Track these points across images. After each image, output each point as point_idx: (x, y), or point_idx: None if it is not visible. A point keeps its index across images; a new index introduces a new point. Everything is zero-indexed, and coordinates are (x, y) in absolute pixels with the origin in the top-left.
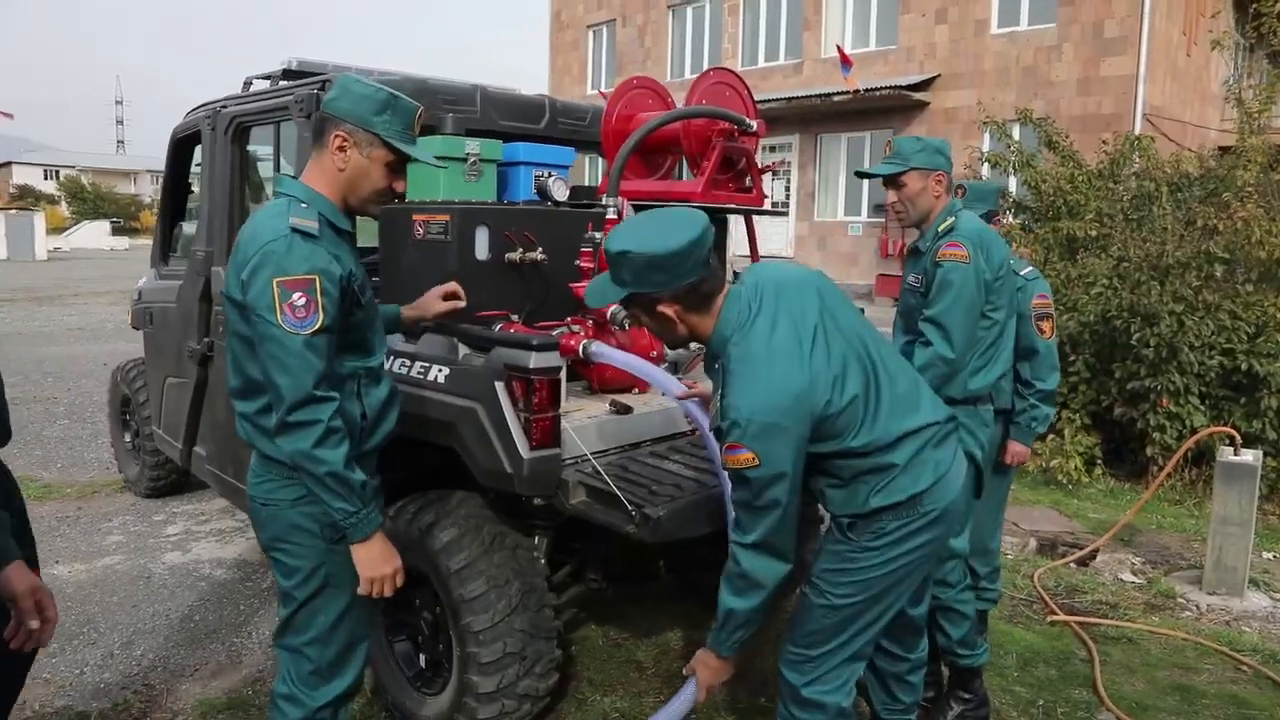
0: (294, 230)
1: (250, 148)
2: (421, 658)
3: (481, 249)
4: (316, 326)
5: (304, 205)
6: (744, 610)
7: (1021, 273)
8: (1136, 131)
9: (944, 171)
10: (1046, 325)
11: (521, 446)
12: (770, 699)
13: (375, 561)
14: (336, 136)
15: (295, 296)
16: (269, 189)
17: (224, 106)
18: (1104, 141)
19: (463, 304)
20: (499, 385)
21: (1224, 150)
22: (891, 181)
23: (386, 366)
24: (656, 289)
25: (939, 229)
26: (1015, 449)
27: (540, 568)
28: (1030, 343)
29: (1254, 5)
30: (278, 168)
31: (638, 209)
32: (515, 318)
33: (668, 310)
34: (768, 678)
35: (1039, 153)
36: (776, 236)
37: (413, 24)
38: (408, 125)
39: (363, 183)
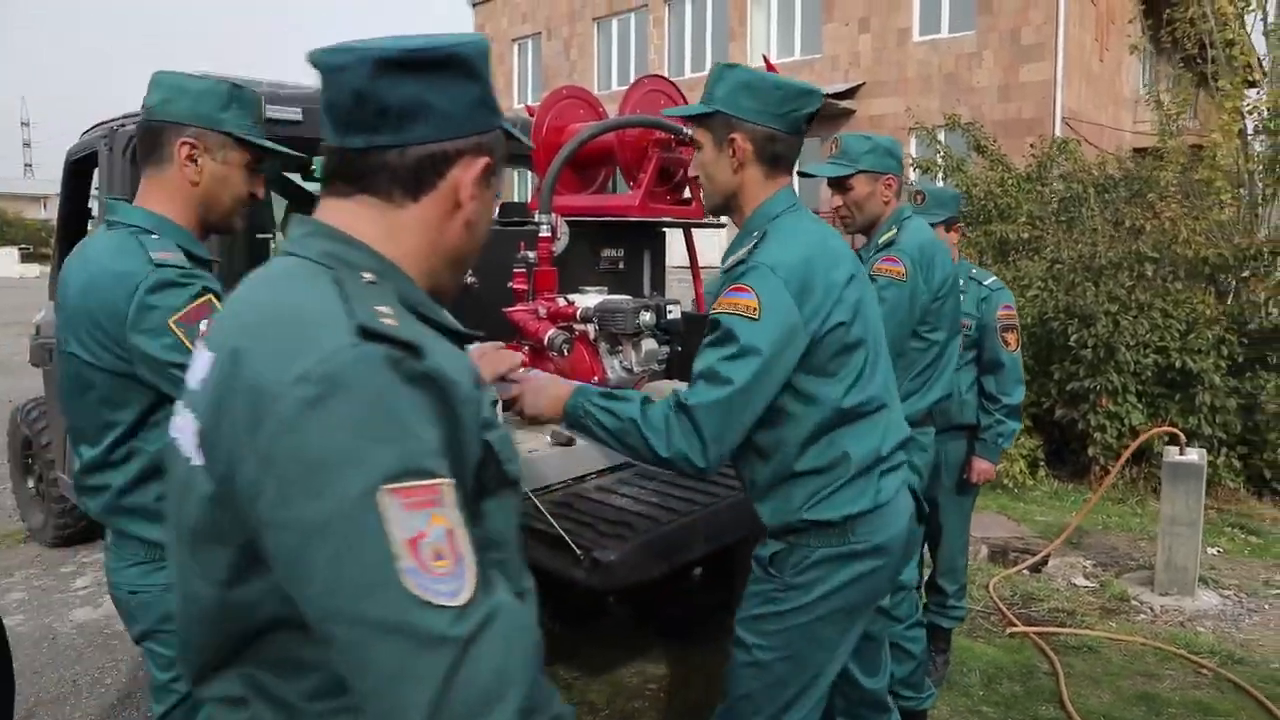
0: (157, 264)
1: None
2: None
3: None
4: None
5: (154, 236)
6: (616, 428)
7: (985, 283)
8: (1056, 135)
9: (894, 175)
10: (1011, 337)
11: None
12: None
13: None
14: (184, 145)
15: (202, 328)
16: None
17: (121, 125)
18: (1031, 145)
19: None
20: None
21: (1138, 152)
22: (837, 184)
23: None
24: (741, 114)
25: (879, 240)
26: (980, 466)
27: None
28: (995, 355)
29: (1166, 11)
30: None
31: (572, 225)
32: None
33: (741, 143)
34: None
35: (968, 157)
36: (715, 248)
37: (325, 39)
38: (257, 118)
39: (223, 193)
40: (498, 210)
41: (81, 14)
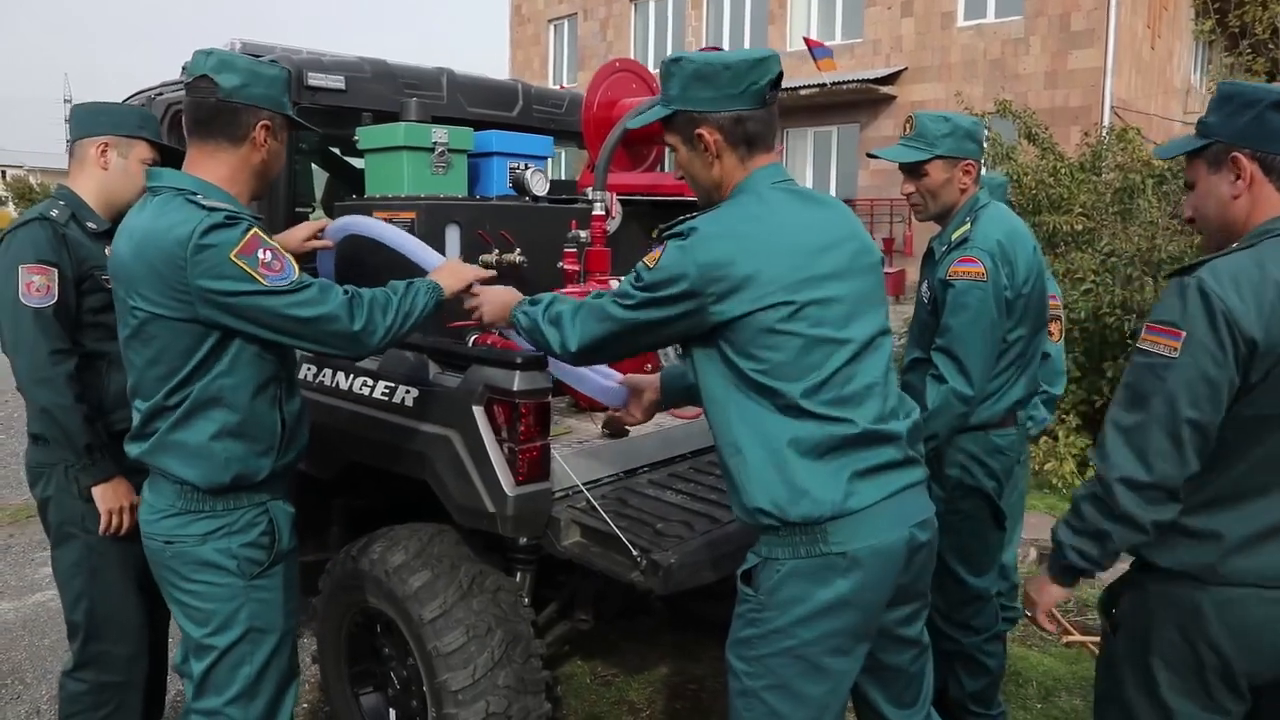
0: (207, 209)
1: None
2: (392, 714)
3: (453, 250)
4: (296, 274)
5: (198, 195)
6: (528, 325)
7: None
8: (1105, 124)
9: (974, 159)
10: (1055, 328)
11: (505, 481)
12: None
13: None
14: (263, 128)
15: (262, 255)
16: None
17: (159, 93)
18: (1085, 134)
19: (326, 245)
20: (477, 410)
21: None
22: (911, 170)
23: (345, 385)
24: (700, 107)
25: (952, 236)
26: None
27: (525, 611)
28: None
29: None
30: None
31: (624, 204)
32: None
33: (708, 136)
34: None
35: (1018, 145)
36: None
37: (369, 17)
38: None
39: (275, 167)
40: (547, 187)
41: None
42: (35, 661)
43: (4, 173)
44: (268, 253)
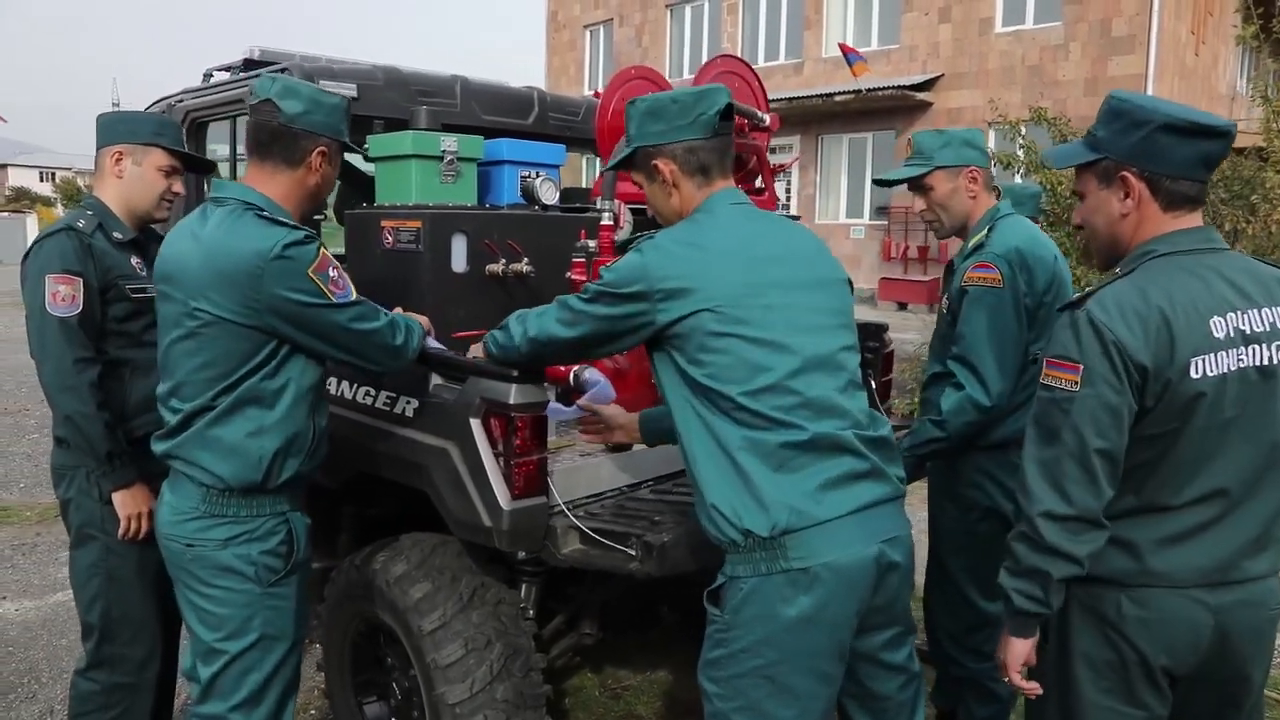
0: (285, 226)
1: (213, 145)
2: None
3: (459, 260)
4: (355, 292)
5: (263, 211)
6: (505, 335)
7: None
8: None
9: (978, 166)
10: None
11: (501, 496)
12: None
13: None
14: (319, 155)
15: (331, 273)
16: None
17: (179, 100)
18: None
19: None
20: (475, 423)
21: (1237, 151)
22: (916, 185)
23: (350, 394)
24: (654, 140)
25: (969, 245)
26: None
27: (527, 625)
28: None
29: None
30: (235, 163)
31: (635, 214)
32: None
33: (664, 168)
34: None
35: None
36: None
37: (408, 22)
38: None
39: (326, 190)
40: (557, 196)
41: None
42: (52, 661)
43: (54, 175)
44: (335, 271)
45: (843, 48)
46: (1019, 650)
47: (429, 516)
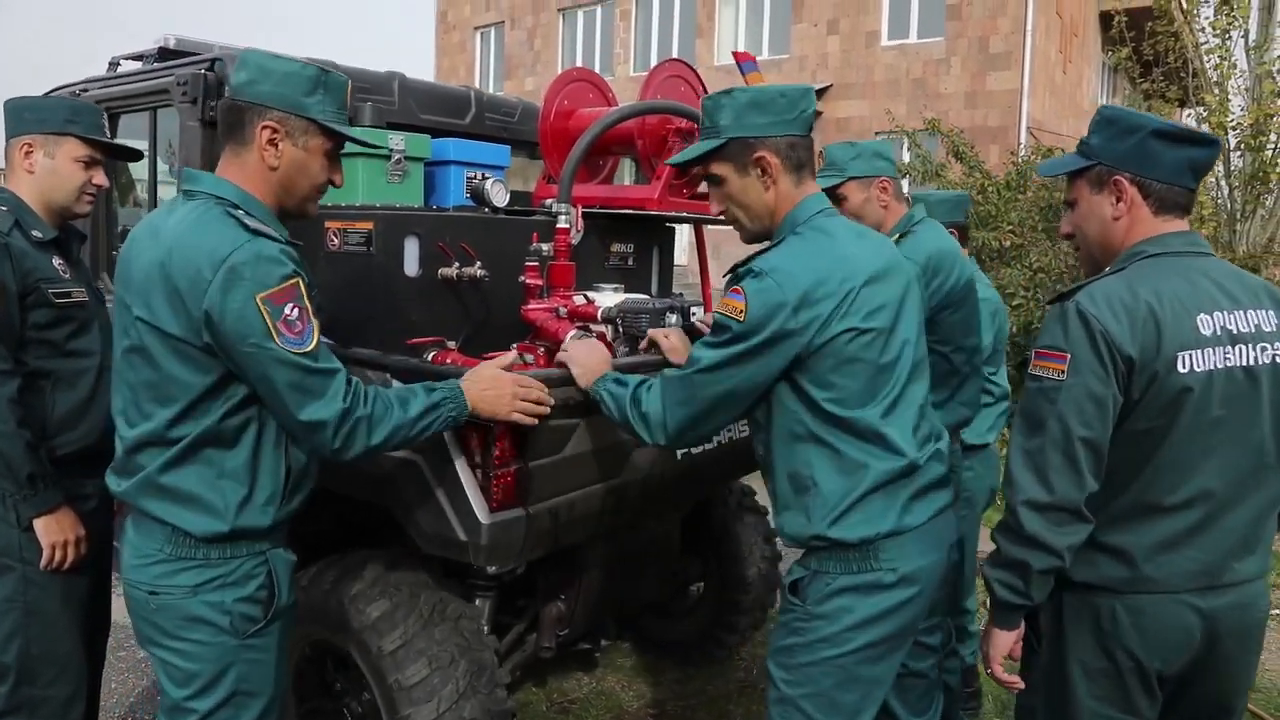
0: (254, 233)
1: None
2: None
3: (411, 263)
4: (313, 344)
5: (240, 210)
6: (619, 400)
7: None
8: (1022, 144)
9: (888, 177)
10: None
11: (479, 509)
12: None
13: None
14: (265, 128)
15: (288, 310)
16: (140, 189)
17: (84, 90)
18: (1012, 153)
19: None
20: (448, 435)
21: None
22: (829, 196)
23: None
24: (758, 133)
25: None
26: None
27: (488, 639)
28: None
29: (1149, 24)
30: (154, 162)
31: (587, 216)
32: (451, 345)
33: (770, 160)
34: None
35: (947, 163)
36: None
37: (310, 18)
38: (341, 104)
39: (301, 180)
40: (508, 198)
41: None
42: None
43: None
44: (295, 309)
45: (737, 56)
46: (1002, 641)
47: (369, 531)
